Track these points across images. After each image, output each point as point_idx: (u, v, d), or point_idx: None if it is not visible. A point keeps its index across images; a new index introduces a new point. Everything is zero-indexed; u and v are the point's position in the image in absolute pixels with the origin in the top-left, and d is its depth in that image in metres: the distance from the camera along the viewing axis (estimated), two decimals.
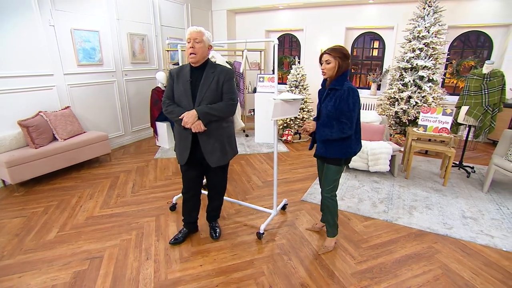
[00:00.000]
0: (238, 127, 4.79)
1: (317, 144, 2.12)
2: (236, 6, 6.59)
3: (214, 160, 2.12)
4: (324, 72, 1.97)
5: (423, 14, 4.60)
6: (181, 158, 2.15)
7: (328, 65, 1.93)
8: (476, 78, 3.55)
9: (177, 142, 2.19)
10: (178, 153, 2.20)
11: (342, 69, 1.93)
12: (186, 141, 2.09)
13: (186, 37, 1.97)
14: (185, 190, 2.33)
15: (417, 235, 2.52)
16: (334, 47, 1.94)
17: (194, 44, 1.93)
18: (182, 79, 2.04)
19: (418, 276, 2.04)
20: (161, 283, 1.97)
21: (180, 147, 2.15)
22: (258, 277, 2.03)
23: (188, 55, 1.98)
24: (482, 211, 2.89)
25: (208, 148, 2.08)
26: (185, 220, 2.43)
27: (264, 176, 3.74)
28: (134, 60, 5.00)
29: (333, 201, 2.21)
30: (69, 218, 2.76)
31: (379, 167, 3.51)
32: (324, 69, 1.96)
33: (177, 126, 2.12)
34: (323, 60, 1.96)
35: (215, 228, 2.50)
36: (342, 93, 1.91)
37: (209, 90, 2.01)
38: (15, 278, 2.01)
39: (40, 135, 3.47)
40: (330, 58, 1.91)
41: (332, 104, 1.95)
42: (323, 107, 2.03)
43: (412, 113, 4.70)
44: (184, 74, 2.05)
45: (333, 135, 1.95)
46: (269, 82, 4.96)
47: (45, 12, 3.65)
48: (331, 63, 1.92)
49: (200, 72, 2.03)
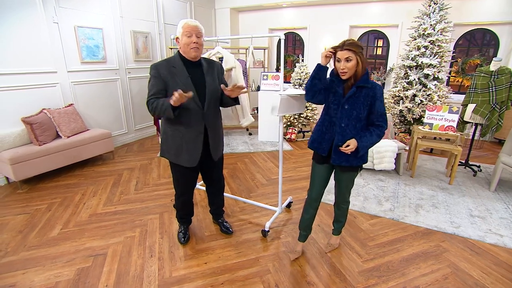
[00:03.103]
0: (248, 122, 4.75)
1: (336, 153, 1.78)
2: (240, 4, 6.56)
3: (218, 153, 2.14)
4: (345, 72, 1.65)
5: (429, 12, 4.54)
6: (191, 160, 1.99)
7: (349, 62, 1.62)
8: (483, 76, 3.50)
9: (179, 144, 1.98)
10: (183, 156, 1.99)
11: (365, 65, 1.66)
12: (196, 142, 1.97)
13: (185, 30, 1.83)
14: (184, 192, 2.22)
15: (424, 233, 2.48)
16: (351, 41, 1.63)
17: (197, 38, 1.86)
18: (179, 76, 1.87)
19: (427, 275, 2.00)
20: (166, 281, 1.95)
21: (188, 149, 1.97)
22: (264, 275, 2.00)
23: (188, 49, 1.85)
24: (489, 210, 2.85)
25: (215, 143, 2.08)
26: (185, 218, 2.40)
27: (268, 174, 3.71)
28: (137, 58, 4.99)
29: (348, 205, 2.10)
30: (73, 215, 2.74)
31: (384, 166, 3.48)
32: (345, 69, 1.63)
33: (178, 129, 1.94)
34: (341, 57, 1.63)
35: (225, 224, 2.49)
36: (375, 92, 1.67)
37: (214, 84, 1.98)
38: (19, 275, 1.99)
39: (44, 132, 3.46)
40: (352, 54, 1.61)
41: (364, 105, 1.69)
42: (350, 107, 1.70)
43: (417, 111, 4.65)
44: (179, 70, 1.88)
45: (374, 143, 1.74)
46: (272, 80, 4.94)
47: (49, 9, 3.64)
48: (352, 60, 1.61)
49: (196, 67, 1.94)
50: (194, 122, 1.94)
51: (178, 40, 1.89)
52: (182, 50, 1.89)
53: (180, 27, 1.86)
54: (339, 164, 1.81)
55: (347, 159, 1.77)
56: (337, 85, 1.74)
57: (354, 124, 1.73)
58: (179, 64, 1.89)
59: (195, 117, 1.93)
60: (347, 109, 1.71)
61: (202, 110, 1.93)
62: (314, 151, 1.93)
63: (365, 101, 1.69)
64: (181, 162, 2.01)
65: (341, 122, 1.73)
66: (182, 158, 2.00)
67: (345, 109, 1.71)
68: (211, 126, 2.02)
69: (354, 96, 1.69)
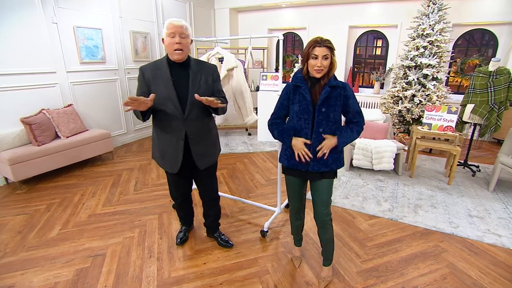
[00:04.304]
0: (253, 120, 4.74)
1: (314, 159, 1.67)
2: (239, 5, 6.56)
3: (206, 162, 1.99)
4: (321, 70, 1.57)
5: (428, 12, 4.56)
6: (172, 166, 1.92)
7: (326, 60, 1.56)
8: (482, 76, 3.50)
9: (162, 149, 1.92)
10: (166, 162, 1.95)
11: (336, 65, 1.62)
12: (176, 148, 1.87)
13: (167, 31, 1.71)
14: (177, 196, 2.22)
15: (422, 233, 2.48)
16: (328, 39, 1.57)
17: (180, 39, 1.71)
18: (161, 79, 1.76)
19: (425, 275, 2.00)
20: (165, 281, 1.95)
21: (170, 155, 1.91)
22: (263, 275, 2.01)
23: (172, 51, 1.73)
24: (488, 210, 2.86)
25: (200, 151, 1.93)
26: (184, 218, 2.40)
27: (267, 175, 3.71)
28: (136, 58, 4.98)
29: (331, 222, 1.84)
30: (72, 216, 2.74)
31: (383, 166, 3.48)
32: (321, 66, 1.55)
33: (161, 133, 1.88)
34: (319, 54, 1.54)
35: (223, 237, 2.34)
36: (346, 91, 1.63)
37: (201, 91, 1.79)
38: (18, 275, 2.00)
39: (43, 132, 3.45)
40: (329, 53, 1.55)
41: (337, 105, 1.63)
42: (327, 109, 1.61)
43: (416, 111, 4.66)
44: (163, 72, 1.77)
45: (353, 139, 1.69)
46: (272, 80, 4.93)
47: (48, 10, 3.64)
48: (329, 58, 1.56)
49: (182, 70, 1.81)
50: (174, 128, 1.83)
51: (163, 41, 1.77)
52: (167, 51, 1.78)
53: (165, 27, 1.73)
54: (318, 170, 1.69)
55: (325, 163, 1.68)
56: (304, 91, 1.63)
57: (330, 127, 1.64)
58: (164, 66, 1.78)
59: (175, 123, 1.82)
60: (324, 111, 1.61)
61: (183, 115, 1.80)
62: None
63: (337, 101, 1.63)
64: (165, 167, 1.98)
65: (319, 127, 1.63)
66: (166, 163, 1.95)
67: (322, 112, 1.61)
68: (195, 134, 1.87)
69: (329, 96, 1.61)
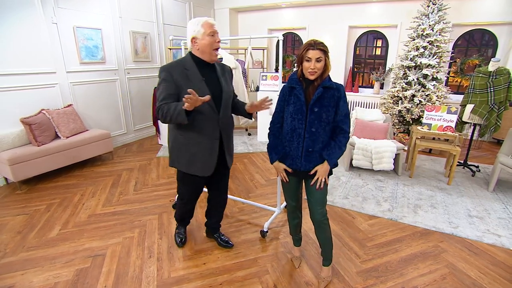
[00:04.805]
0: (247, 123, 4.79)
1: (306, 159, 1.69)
2: (239, 5, 6.57)
3: (231, 159, 2.04)
4: (314, 72, 1.58)
5: (428, 12, 4.56)
6: (205, 169, 1.87)
7: (319, 63, 1.57)
8: (481, 76, 3.51)
9: (194, 153, 1.84)
10: (197, 165, 1.87)
11: (330, 67, 1.64)
12: (212, 149, 1.85)
13: (207, 29, 1.69)
14: (192, 200, 2.16)
15: (422, 233, 2.49)
16: (321, 42, 1.60)
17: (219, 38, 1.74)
18: (193, 78, 1.72)
19: (425, 275, 2.01)
20: (164, 281, 1.95)
21: (203, 157, 1.85)
22: (262, 275, 2.01)
23: (211, 50, 1.74)
24: (488, 210, 2.86)
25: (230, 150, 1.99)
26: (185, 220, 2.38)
27: (267, 175, 3.71)
28: (136, 58, 4.99)
29: (328, 221, 1.83)
30: (72, 216, 2.74)
31: (383, 166, 3.48)
32: (315, 68, 1.57)
33: (192, 136, 1.80)
34: (312, 57, 1.56)
35: (223, 237, 2.33)
36: (340, 92, 1.63)
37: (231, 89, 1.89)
38: (18, 275, 2.00)
39: (43, 132, 3.46)
40: (322, 55, 1.57)
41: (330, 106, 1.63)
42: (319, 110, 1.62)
43: (416, 111, 4.66)
44: (192, 72, 1.73)
45: (342, 154, 1.70)
46: (271, 80, 4.94)
47: (48, 10, 3.64)
48: (322, 60, 1.57)
49: (208, 69, 1.81)
50: (210, 128, 1.81)
51: (195, 40, 1.72)
52: (201, 51, 1.74)
53: (199, 26, 1.69)
54: (309, 169, 1.70)
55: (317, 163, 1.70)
56: (299, 92, 1.65)
57: (323, 127, 1.65)
58: (192, 66, 1.74)
59: (211, 123, 1.80)
60: (317, 111, 1.62)
61: (218, 115, 1.81)
62: None
63: (331, 102, 1.63)
64: (195, 171, 1.88)
65: (311, 126, 1.64)
66: (196, 167, 1.87)
67: (315, 112, 1.62)
68: (226, 132, 1.90)
69: (322, 97, 1.62)
